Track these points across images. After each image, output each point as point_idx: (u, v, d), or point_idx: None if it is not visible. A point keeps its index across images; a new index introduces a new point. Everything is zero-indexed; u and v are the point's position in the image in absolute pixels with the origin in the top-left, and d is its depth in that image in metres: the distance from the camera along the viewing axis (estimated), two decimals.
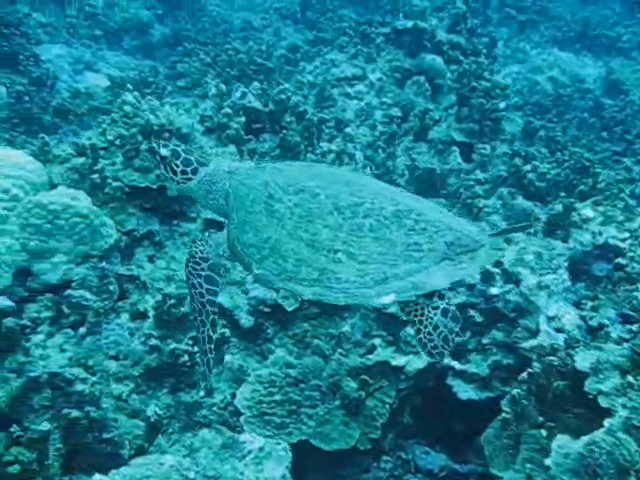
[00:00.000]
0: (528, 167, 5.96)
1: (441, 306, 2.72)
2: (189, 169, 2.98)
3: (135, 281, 4.53)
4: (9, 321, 3.74)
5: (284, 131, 5.64)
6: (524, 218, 5.27)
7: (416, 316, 2.73)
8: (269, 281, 2.71)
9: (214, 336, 2.91)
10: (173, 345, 4.20)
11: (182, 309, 4.26)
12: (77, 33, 11.14)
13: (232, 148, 5.54)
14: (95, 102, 8.60)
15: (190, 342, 4.26)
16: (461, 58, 8.08)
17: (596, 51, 13.76)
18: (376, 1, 13.62)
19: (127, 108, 5.00)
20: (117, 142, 4.94)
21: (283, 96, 5.80)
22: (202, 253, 2.92)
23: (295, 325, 4.59)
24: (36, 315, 4.08)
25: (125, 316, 4.39)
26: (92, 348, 4.12)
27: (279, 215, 2.69)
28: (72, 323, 4.19)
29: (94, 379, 3.92)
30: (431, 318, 2.70)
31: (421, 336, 2.72)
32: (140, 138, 4.73)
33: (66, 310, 4.19)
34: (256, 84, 6.09)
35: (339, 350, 4.38)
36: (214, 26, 11.84)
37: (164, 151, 2.97)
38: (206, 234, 3.01)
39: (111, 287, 4.36)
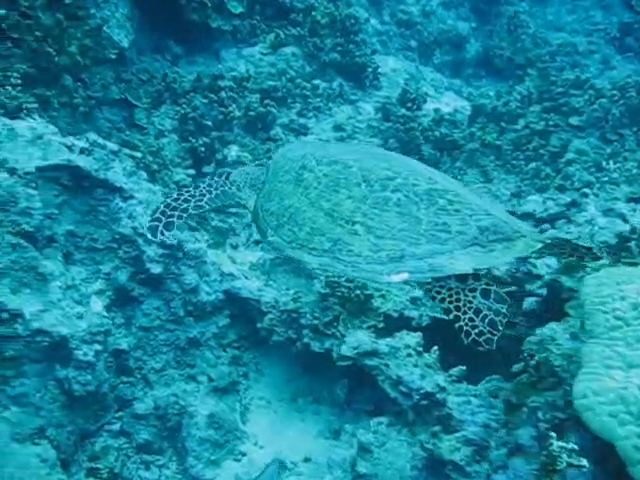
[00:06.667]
0: None
1: (479, 287, 2.35)
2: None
3: None
4: None
5: None
6: None
7: (451, 302, 2.37)
8: (280, 249, 2.56)
9: (191, 210, 2.85)
10: None
11: None
12: (392, 43, 9.88)
13: None
14: (487, 138, 7.16)
15: None
16: None
17: None
18: None
19: None
20: None
21: None
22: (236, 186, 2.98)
23: None
24: None
25: None
26: None
27: (306, 184, 2.59)
28: None
29: None
30: (470, 302, 2.34)
31: (462, 324, 2.32)
32: None
33: None
34: None
35: None
36: (535, 47, 10.19)
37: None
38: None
39: None
